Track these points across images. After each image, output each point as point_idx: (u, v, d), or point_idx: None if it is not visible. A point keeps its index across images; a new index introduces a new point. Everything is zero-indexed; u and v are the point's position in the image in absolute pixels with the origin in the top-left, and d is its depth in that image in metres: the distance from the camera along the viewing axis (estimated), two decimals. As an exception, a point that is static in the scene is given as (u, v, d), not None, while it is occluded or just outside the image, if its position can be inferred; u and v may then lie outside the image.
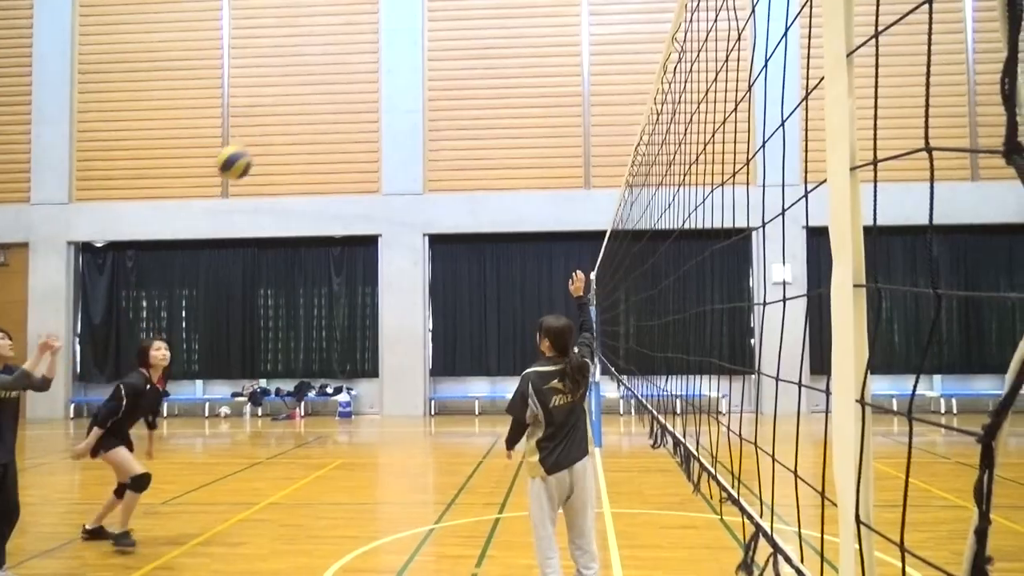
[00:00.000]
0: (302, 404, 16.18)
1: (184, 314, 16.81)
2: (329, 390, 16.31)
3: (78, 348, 16.73)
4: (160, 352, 6.24)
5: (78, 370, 16.67)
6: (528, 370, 4.38)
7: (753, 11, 2.18)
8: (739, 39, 2.33)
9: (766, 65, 2.04)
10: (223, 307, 16.56)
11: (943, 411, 15.04)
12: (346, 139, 16.38)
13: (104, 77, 16.79)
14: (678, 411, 4.34)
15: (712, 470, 2.91)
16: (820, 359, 13.74)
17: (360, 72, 16.47)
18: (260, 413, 16.28)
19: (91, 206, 16.55)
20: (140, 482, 6.08)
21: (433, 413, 16.04)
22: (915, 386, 1.16)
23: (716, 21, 2.70)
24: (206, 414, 16.28)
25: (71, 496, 8.72)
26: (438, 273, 16.39)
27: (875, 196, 1.19)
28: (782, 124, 1.87)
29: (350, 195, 16.25)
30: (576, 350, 4.43)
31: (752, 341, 15.48)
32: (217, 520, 6.94)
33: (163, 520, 7.01)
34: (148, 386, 6.19)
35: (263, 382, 16.58)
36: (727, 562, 5.40)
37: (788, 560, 1.71)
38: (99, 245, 16.79)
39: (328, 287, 16.57)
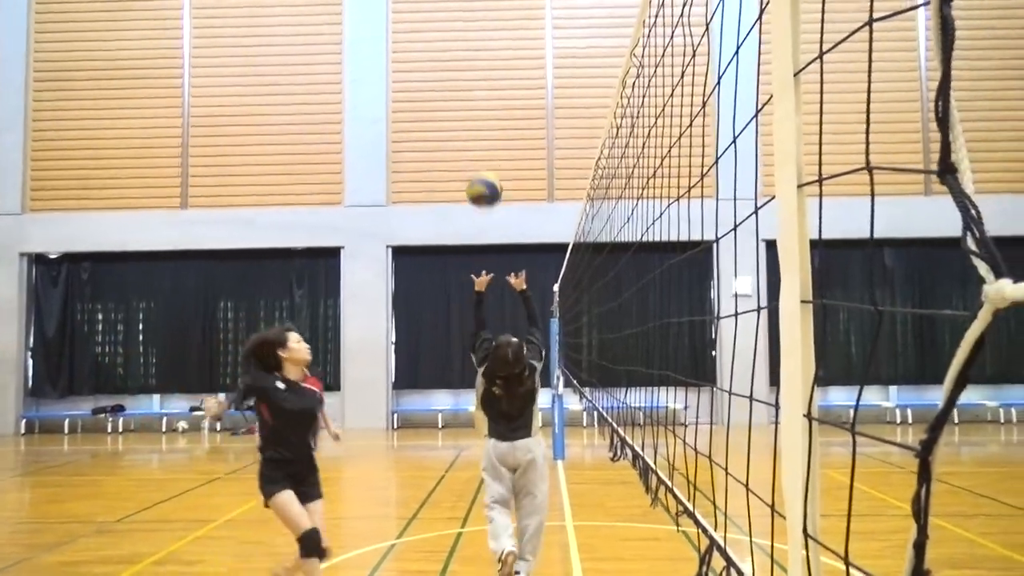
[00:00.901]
0: (262, 418, 15.93)
1: (141, 327, 16.49)
2: (290, 403, 16.09)
3: (30, 363, 16.30)
4: (301, 344, 4.72)
5: (30, 385, 16.23)
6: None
7: (707, 29, 2.21)
8: (694, 55, 2.37)
9: (719, 82, 2.07)
10: (181, 319, 16.28)
11: (898, 421, 15.32)
12: (309, 149, 16.26)
13: (61, 84, 16.47)
14: (640, 423, 4.36)
15: (669, 483, 2.92)
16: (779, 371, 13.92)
17: (323, 82, 16.38)
18: (219, 428, 16.01)
19: (45, 216, 16.18)
20: (307, 544, 4.28)
21: (396, 426, 15.92)
22: (858, 399, 1.18)
23: (672, 37, 2.74)
24: (163, 429, 15.96)
25: (19, 515, 8.49)
26: (401, 285, 16.31)
27: (820, 213, 1.22)
28: (733, 141, 1.90)
29: (313, 206, 16.12)
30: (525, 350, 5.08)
31: (714, 353, 15.63)
32: (173, 538, 6.79)
33: (117, 538, 6.85)
34: (283, 385, 4.60)
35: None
36: (687, 573, 5.42)
37: (740, 574, 1.72)
38: (53, 256, 16.42)
39: (290, 299, 16.39)
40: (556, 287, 11.87)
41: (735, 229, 1.91)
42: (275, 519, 4.46)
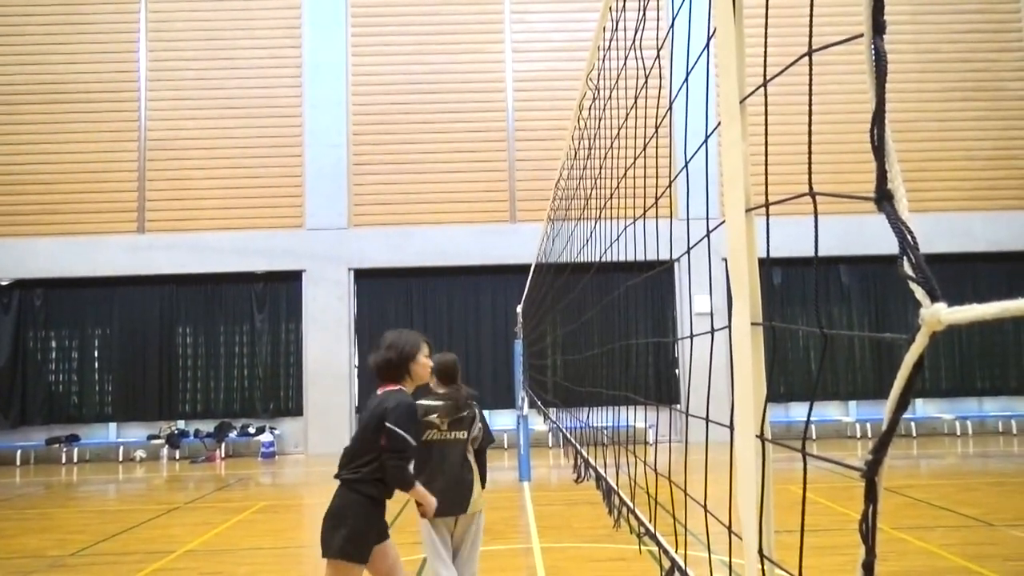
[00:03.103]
0: (223, 445, 15.66)
1: (97, 354, 16.10)
2: (251, 430, 15.83)
3: (-19, 392, 15.83)
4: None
5: (-20, 415, 15.75)
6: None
7: (658, 55, 2.25)
8: (647, 81, 2.41)
9: (671, 107, 2.11)
10: (139, 346, 15.96)
11: (858, 435, 15.53)
12: (269, 173, 16.13)
13: (12, 108, 16.14)
14: (605, 442, 4.36)
15: (631, 504, 2.93)
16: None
17: (283, 106, 16.29)
18: (178, 456, 15.67)
19: (-3, 242, 15.81)
20: None
21: (360, 451, 15.71)
22: (808, 418, 1.20)
23: (626, 62, 2.78)
24: (120, 458, 15.57)
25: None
26: (364, 308, 16.20)
27: (768, 235, 1.24)
28: (685, 166, 1.93)
29: (273, 230, 15.97)
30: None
31: (677, 371, 15.74)
32: (130, 571, 6.61)
33: (71, 573, 6.65)
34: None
35: (181, 423, 15.98)
36: (654, 593, 5.42)
37: (700, 594, 1.72)
38: (5, 283, 16.00)
39: (250, 324, 16.16)
40: (519, 308, 11.88)
41: (688, 252, 1.93)
42: (233, 550, 4.36)
